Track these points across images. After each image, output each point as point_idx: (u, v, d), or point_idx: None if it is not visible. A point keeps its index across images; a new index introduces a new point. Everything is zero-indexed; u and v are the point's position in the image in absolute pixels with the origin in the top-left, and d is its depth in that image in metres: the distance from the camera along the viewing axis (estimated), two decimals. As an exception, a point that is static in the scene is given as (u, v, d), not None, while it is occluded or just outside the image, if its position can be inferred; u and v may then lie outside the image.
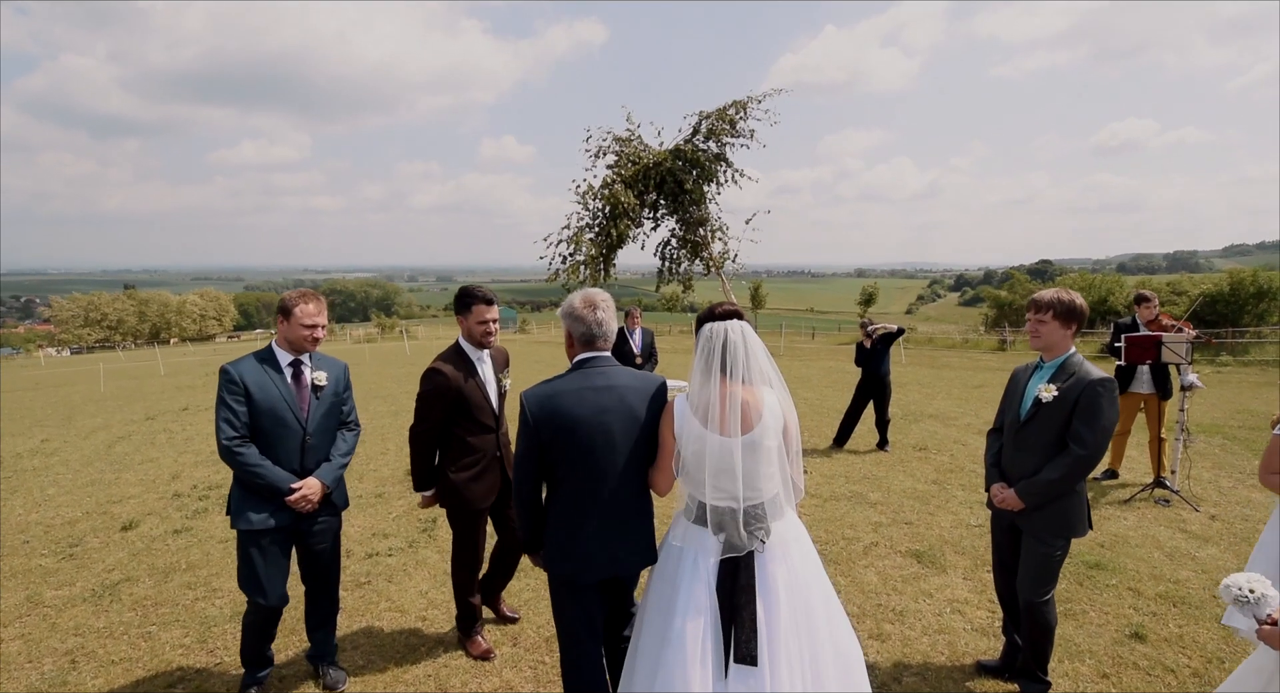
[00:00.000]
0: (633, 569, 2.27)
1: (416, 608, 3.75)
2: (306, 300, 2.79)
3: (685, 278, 6.89)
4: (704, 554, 2.02)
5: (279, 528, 2.76)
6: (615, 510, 2.18)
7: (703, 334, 2.08)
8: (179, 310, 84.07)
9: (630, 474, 2.19)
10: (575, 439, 2.12)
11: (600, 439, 2.13)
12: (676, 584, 2.02)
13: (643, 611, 2.16)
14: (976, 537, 4.83)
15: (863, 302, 40.62)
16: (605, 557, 2.19)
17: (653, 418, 2.19)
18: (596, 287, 6.99)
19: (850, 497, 5.87)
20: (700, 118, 6.52)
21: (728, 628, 1.93)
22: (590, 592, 2.25)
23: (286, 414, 2.74)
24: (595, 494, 2.16)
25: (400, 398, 13.19)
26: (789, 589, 1.99)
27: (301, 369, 2.83)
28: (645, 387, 2.23)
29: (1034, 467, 2.68)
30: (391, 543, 4.79)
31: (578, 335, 2.25)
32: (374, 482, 6.63)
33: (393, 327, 53.50)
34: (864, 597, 3.84)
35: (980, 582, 4.04)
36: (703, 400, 2.03)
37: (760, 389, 2.04)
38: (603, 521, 2.17)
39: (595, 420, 2.12)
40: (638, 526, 2.24)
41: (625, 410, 2.16)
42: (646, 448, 2.20)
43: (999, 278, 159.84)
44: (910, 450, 7.77)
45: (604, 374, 2.20)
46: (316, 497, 2.79)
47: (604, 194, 6.18)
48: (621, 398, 2.17)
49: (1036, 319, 2.70)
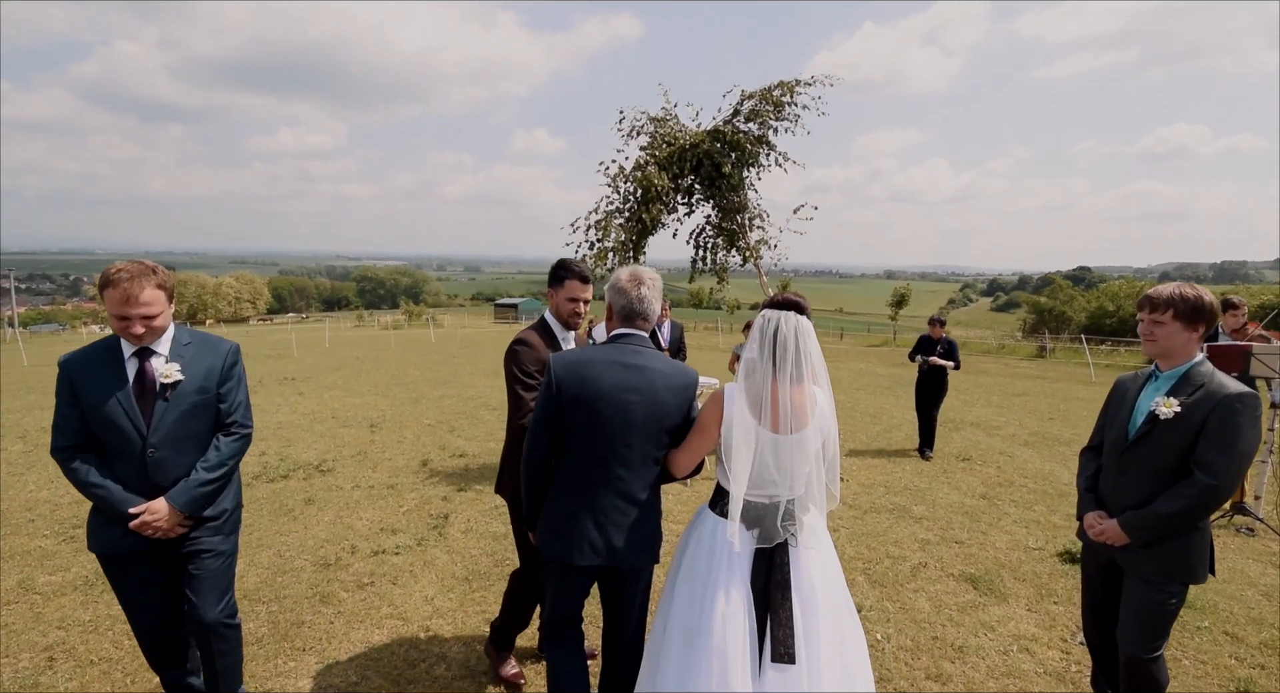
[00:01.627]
0: (629, 562, 2.12)
1: (420, 616, 3.44)
2: (115, 283, 2.08)
3: (720, 268, 6.47)
4: (736, 548, 1.96)
5: (139, 552, 2.21)
6: (620, 497, 2.09)
7: (758, 322, 2.01)
8: (215, 292, 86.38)
9: (642, 462, 2.11)
10: (593, 412, 2.05)
11: (619, 418, 2.05)
12: (709, 579, 1.96)
13: (667, 606, 2.07)
14: (1037, 561, 4.36)
15: (894, 303, 39.59)
16: (602, 543, 2.08)
17: (677, 411, 2.11)
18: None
19: (892, 510, 5.42)
20: (742, 97, 6.09)
21: (762, 625, 1.89)
22: (581, 577, 2.16)
23: (121, 420, 2.13)
24: (603, 475, 2.08)
25: (421, 385, 13.06)
26: (824, 584, 1.96)
27: (147, 362, 2.20)
28: (678, 377, 2.14)
29: (1142, 495, 2.24)
30: (400, 540, 4.51)
31: (618, 309, 2.19)
32: (387, 471, 6.38)
33: (419, 314, 53.98)
34: (917, 628, 3.42)
35: (1047, 615, 3.59)
36: (755, 392, 1.96)
37: (810, 387, 1.98)
38: (606, 504, 2.08)
39: (618, 398, 2.05)
40: (642, 517, 2.12)
41: (651, 395, 2.07)
42: (664, 438, 2.12)
43: (1034, 284, 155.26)
44: (953, 460, 7.28)
45: (639, 353, 2.13)
46: (165, 523, 2.16)
47: (636, 177, 5.80)
48: (651, 382, 2.08)
49: (1152, 320, 2.25)
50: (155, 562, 2.27)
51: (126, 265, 2.13)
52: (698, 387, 2.20)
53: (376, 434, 8.19)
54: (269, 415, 9.48)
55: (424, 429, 8.51)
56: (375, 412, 9.87)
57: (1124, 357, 22.69)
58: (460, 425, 8.78)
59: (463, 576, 3.94)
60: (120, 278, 2.09)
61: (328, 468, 6.44)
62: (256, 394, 11.76)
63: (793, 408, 1.93)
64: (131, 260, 2.16)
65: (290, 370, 15.88)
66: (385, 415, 9.53)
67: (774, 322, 1.96)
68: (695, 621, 1.93)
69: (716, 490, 2.12)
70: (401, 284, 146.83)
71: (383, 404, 10.61)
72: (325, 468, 6.43)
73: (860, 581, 4.00)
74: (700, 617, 1.92)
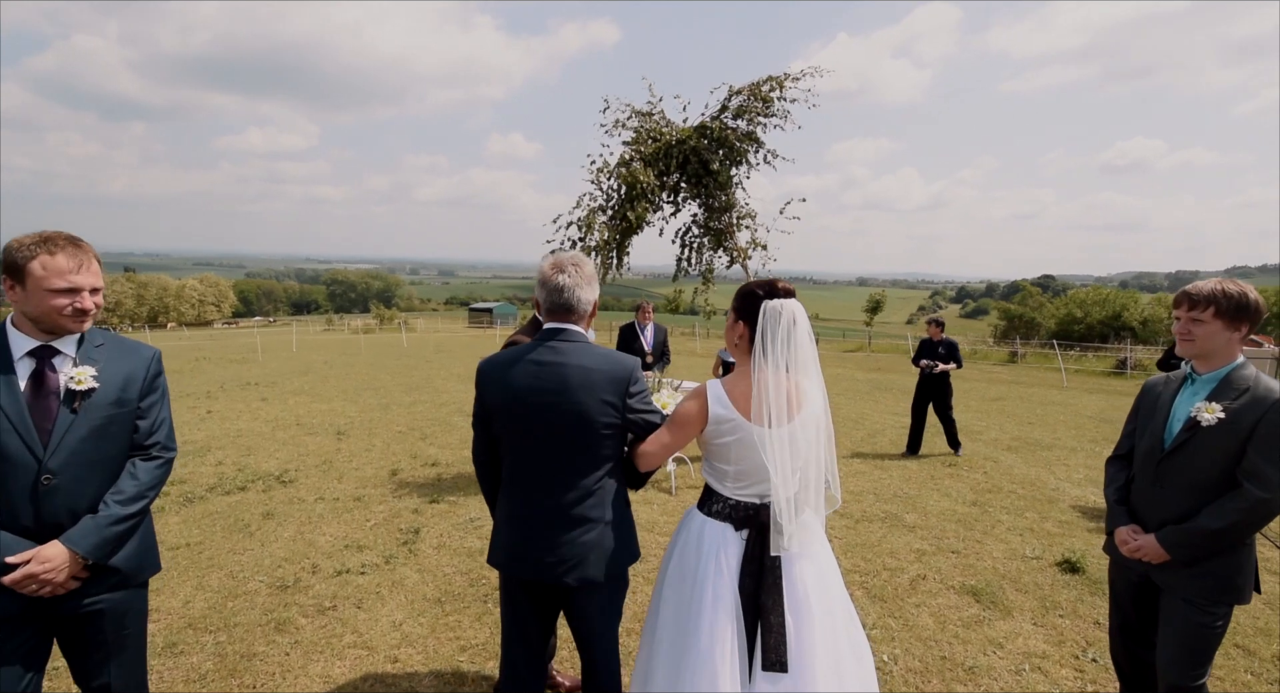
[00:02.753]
0: (560, 579, 1.91)
1: (388, 645, 3.12)
2: (53, 248, 1.69)
3: (707, 269, 6.26)
4: (727, 551, 1.88)
5: (14, 616, 1.67)
6: (549, 508, 1.91)
7: (764, 313, 1.86)
8: (178, 295, 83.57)
9: (571, 470, 1.91)
10: (512, 417, 1.91)
11: (537, 423, 1.88)
12: (696, 584, 1.87)
13: (655, 612, 1.98)
14: (1036, 571, 4.21)
15: (869, 309, 40.01)
16: (533, 556, 1.91)
17: (602, 408, 1.88)
18: (608, 277, 6.37)
19: (884, 518, 5.26)
20: (730, 93, 5.90)
21: (752, 631, 1.82)
22: (527, 594, 2.00)
23: (6, 437, 1.65)
24: (534, 482, 1.93)
25: (392, 390, 12.60)
26: (819, 590, 1.87)
27: (48, 363, 1.75)
28: (604, 369, 1.90)
29: (1182, 509, 2.07)
30: (366, 558, 4.17)
31: (542, 302, 2.00)
32: (354, 482, 6.00)
33: (391, 318, 52.88)
34: (923, 646, 3.22)
35: (1055, 630, 3.43)
36: (744, 387, 1.86)
37: (802, 379, 1.89)
38: (539, 514, 1.92)
39: (530, 400, 1.88)
40: (577, 533, 1.91)
41: (564, 395, 1.86)
42: (599, 442, 1.90)
43: (1001, 291, 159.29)
44: (939, 466, 7.18)
45: (555, 349, 1.92)
46: (59, 576, 1.66)
47: (621, 173, 5.57)
48: (564, 380, 1.87)
49: (1190, 318, 2.08)
50: (36, 629, 1.72)
51: (54, 235, 1.72)
52: (635, 376, 1.96)
53: (343, 442, 7.77)
54: (228, 423, 8.97)
55: (394, 437, 8.12)
56: (343, 418, 9.42)
57: (1092, 362, 23.16)
58: (433, 432, 8.41)
59: (435, 597, 3.63)
60: (58, 241, 1.70)
61: (289, 479, 6.04)
62: (216, 400, 11.19)
63: (787, 399, 1.85)
64: (44, 232, 1.73)
65: (254, 375, 15.23)
66: (353, 422, 9.10)
67: (790, 313, 1.85)
68: (683, 627, 1.85)
69: (706, 492, 2.01)
70: (373, 288, 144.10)
71: (351, 411, 10.15)
72: (287, 479, 6.03)
73: (859, 595, 3.79)
74: (688, 623, 1.85)
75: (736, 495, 1.92)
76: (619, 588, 2.07)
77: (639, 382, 1.96)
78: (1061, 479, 6.67)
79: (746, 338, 1.91)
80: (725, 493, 1.94)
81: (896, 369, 20.38)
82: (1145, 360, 22.08)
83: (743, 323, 1.93)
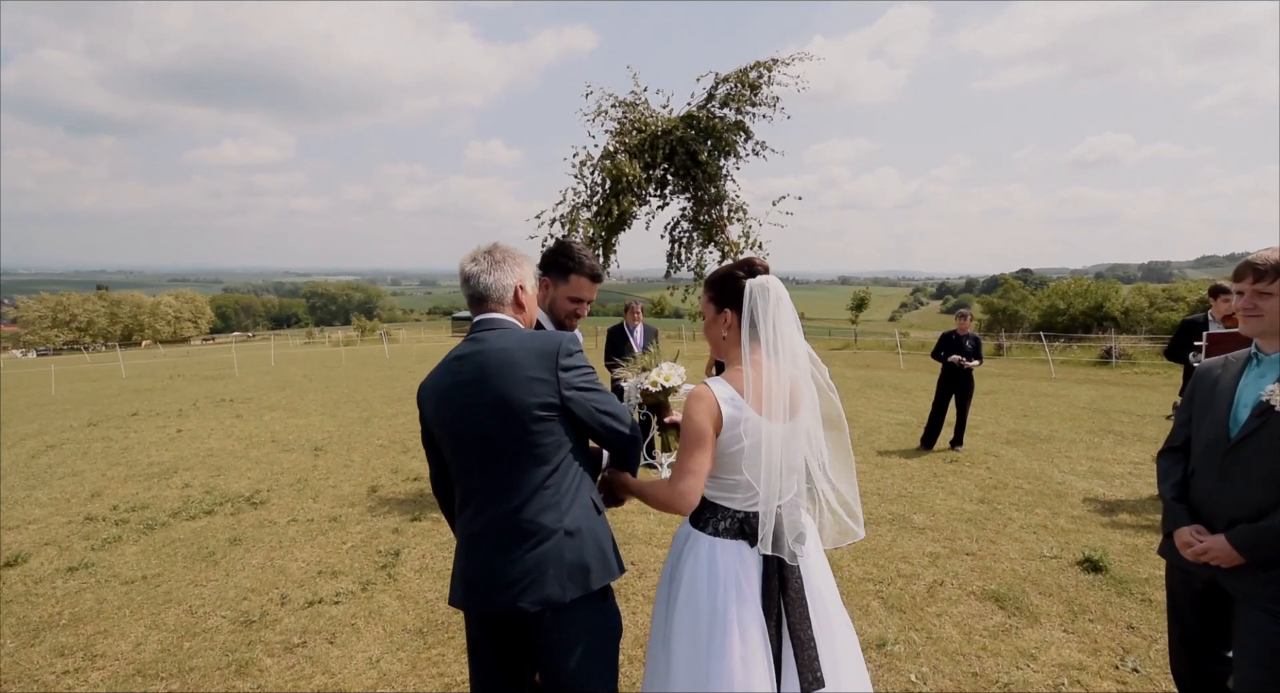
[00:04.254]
0: (514, 605, 1.57)
1: (361, 685, 2.80)
2: None
3: (698, 266, 6.00)
4: (747, 574, 1.66)
5: None
6: (493, 519, 1.61)
7: (752, 293, 1.67)
8: (153, 312, 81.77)
9: (512, 469, 1.61)
10: (441, 425, 1.67)
11: (463, 422, 1.62)
12: (715, 617, 1.62)
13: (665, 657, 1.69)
14: (1057, 572, 3.99)
15: (854, 307, 40.17)
16: (482, 583, 1.61)
17: (527, 391, 1.58)
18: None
19: (892, 520, 5.02)
20: (716, 80, 5.66)
21: (777, 652, 1.62)
22: (480, 633, 1.69)
23: None
24: (473, 494, 1.66)
25: (374, 403, 12.19)
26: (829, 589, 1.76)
27: None
28: (527, 346, 1.63)
29: (1257, 505, 1.83)
30: (341, 585, 3.83)
31: (465, 296, 1.77)
32: (330, 501, 5.64)
33: (373, 330, 52.10)
34: (952, 662, 2.96)
35: (1088, 637, 3.19)
36: (756, 378, 1.64)
37: (793, 370, 1.69)
38: (483, 533, 1.63)
39: (454, 399, 1.64)
40: (528, 545, 1.59)
41: (482, 381, 1.60)
42: (532, 430, 1.59)
43: (981, 286, 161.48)
44: (940, 462, 6.98)
45: (476, 339, 1.68)
46: None
47: (605, 165, 5.29)
48: (480, 368, 1.61)
49: (1256, 291, 1.85)
50: None
51: None
52: (568, 349, 1.66)
53: (320, 459, 7.39)
54: (198, 442, 8.54)
55: (374, 451, 7.75)
56: (321, 433, 9.02)
57: (1077, 353, 23.29)
58: (415, 445, 8.04)
59: (416, 627, 3.30)
60: None
61: (261, 500, 5.66)
62: (187, 418, 10.71)
63: (790, 389, 1.68)
64: None
65: (229, 392, 14.71)
66: (332, 437, 8.71)
67: (780, 291, 1.68)
68: (706, 669, 1.61)
69: (706, 507, 1.75)
70: (354, 299, 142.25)
71: (329, 425, 9.75)
72: (258, 500, 5.66)
73: (875, 606, 3.54)
74: (713, 663, 1.61)
75: (747, 508, 1.70)
76: (599, 622, 1.69)
77: (575, 355, 1.67)
78: (1066, 472, 6.49)
79: (735, 327, 1.71)
80: (734, 506, 1.71)
81: (883, 366, 20.31)
82: (1130, 350, 22.24)
83: (729, 310, 1.72)
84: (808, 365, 1.74)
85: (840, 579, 3.87)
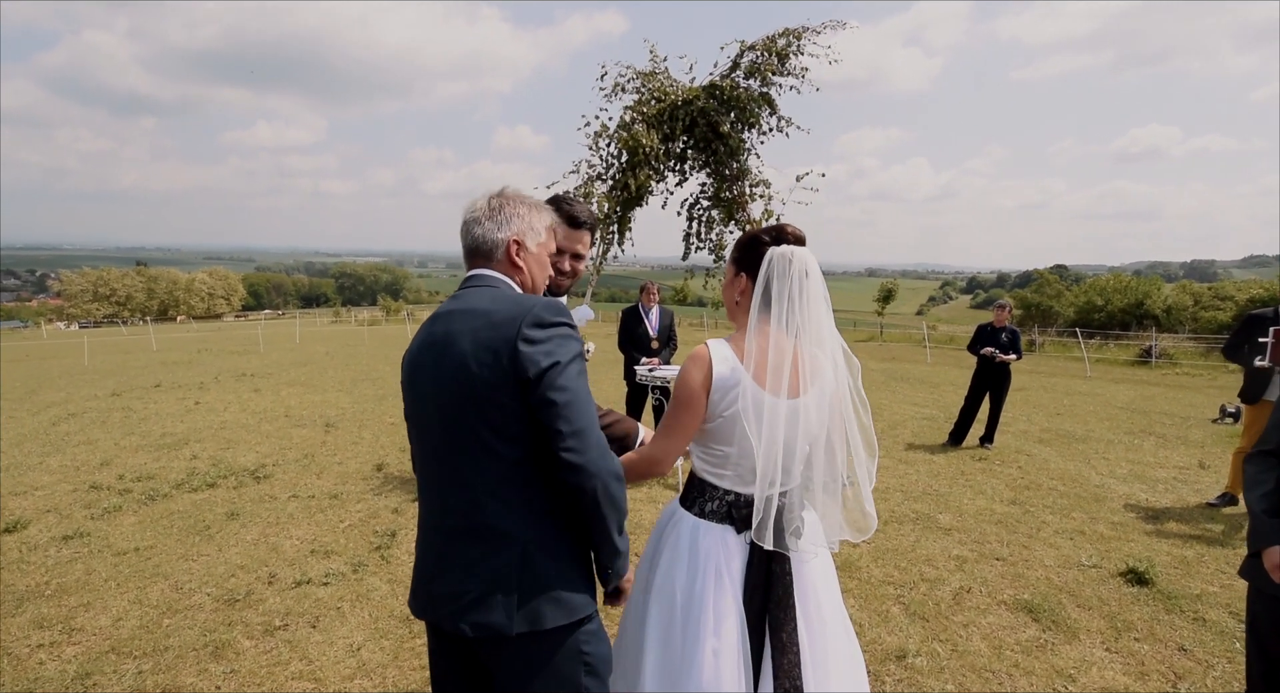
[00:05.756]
0: (455, 624, 1.29)
1: (340, 675, 2.63)
2: None
3: (716, 245, 5.70)
4: (730, 562, 1.56)
5: None
6: (441, 511, 1.36)
7: (769, 261, 1.55)
8: (188, 288, 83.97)
9: (464, 455, 1.31)
10: (406, 395, 1.44)
11: (421, 392, 1.38)
12: (692, 603, 1.52)
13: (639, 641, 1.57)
14: (1097, 583, 3.67)
15: (881, 299, 39.34)
16: (423, 587, 1.37)
17: (492, 356, 1.27)
18: (610, 254, 5.82)
19: (915, 519, 4.72)
20: (742, 49, 5.33)
21: (758, 652, 1.51)
22: (436, 647, 1.42)
23: None
24: (426, 484, 1.41)
25: (390, 381, 12.17)
26: (829, 597, 1.61)
27: None
28: (501, 309, 1.31)
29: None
30: (332, 565, 3.69)
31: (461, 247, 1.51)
32: (334, 478, 5.53)
33: (397, 310, 52.66)
34: (980, 680, 2.69)
35: (1134, 658, 2.89)
36: (759, 348, 1.52)
37: (815, 350, 1.56)
38: (432, 526, 1.38)
39: (418, 363, 1.39)
40: (477, 552, 1.30)
41: (446, 346, 1.33)
42: (487, 410, 1.28)
43: (1014, 281, 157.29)
44: (968, 460, 6.63)
45: (458, 297, 1.42)
46: None
47: (621, 136, 5.02)
48: (448, 330, 1.34)
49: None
50: None
51: None
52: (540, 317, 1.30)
53: (330, 434, 7.32)
54: (213, 415, 8.55)
55: (385, 429, 7.66)
56: (335, 410, 8.99)
57: (1114, 351, 22.39)
58: (426, 424, 7.93)
59: (403, 614, 3.13)
60: None
61: (265, 474, 5.58)
62: (207, 391, 10.80)
63: (794, 367, 1.53)
64: None
65: (252, 367, 14.86)
66: (345, 414, 8.66)
67: (801, 262, 1.54)
68: (678, 659, 1.51)
69: (695, 485, 1.64)
70: (381, 281, 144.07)
71: (344, 402, 9.72)
72: (262, 474, 5.58)
73: (896, 612, 3.27)
74: (684, 653, 1.50)
75: (739, 489, 1.58)
76: (569, 655, 1.33)
77: (549, 327, 1.29)
78: (1104, 475, 6.10)
79: (748, 293, 1.59)
80: (724, 485, 1.59)
81: (910, 359, 19.78)
82: (1171, 350, 21.29)
83: (744, 275, 1.58)
84: (835, 348, 1.58)
85: (858, 582, 3.61)
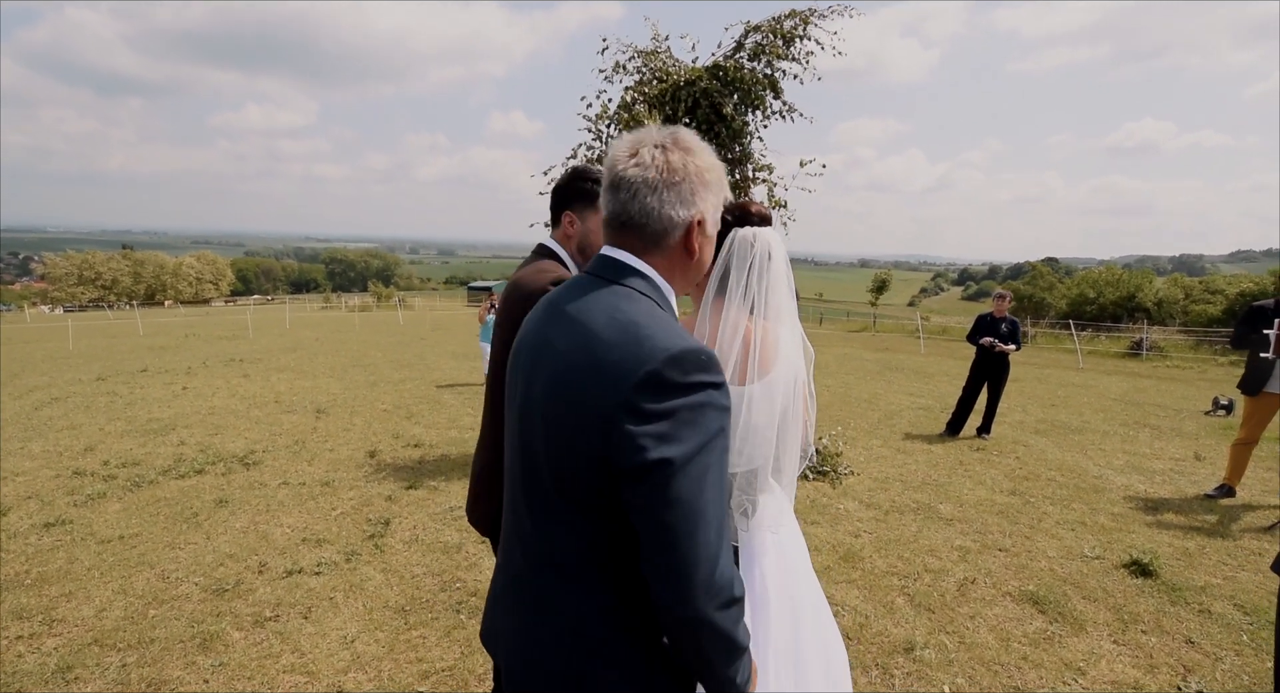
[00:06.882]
0: (498, 662, 1.10)
1: (332, 669, 2.55)
2: None
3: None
4: None
5: None
6: (508, 546, 1.12)
7: (733, 242, 1.49)
8: (175, 273, 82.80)
9: (544, 500, 1.02)
10: (509, 388, 1.12)
11: (521, 402, 1.06)
12: None
13: None
14: (1101, 574, 3.64)
15: (874, 289, 39.37)
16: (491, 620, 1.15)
17: (592, 424, 0.93)
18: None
19: (916, 509, 4.68)
20: (746, 29, 5.19)
21: None
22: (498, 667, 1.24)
23: None
24: (511, 507, 1.12)
25: (381, 367, 12.01)
26: (777, 577, 1.46)
27: None
28: (612, 349, 0.94)
29: None
30: (324, 554, 3.59)
31: (603, 210, 1.08)
32: (325, 465, 5.42)
33: (389, 297, 52.20)
34: (988, 674, 2.64)
35: (1142, 650, 2.85)
36: (710, 334, 1.45)
37: (775, 325, 1.49)
38: (505, 561, 1.14)
39: (521, 359, 1.08)
40: (527, 609, 1.05)
41: (568, 369, 0.97)
42: (575, 473, 0.97)
43: (1004, 273, 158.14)
44: (966, 450, 6.61)
45: (578, 286, 1.06)
46: None
47: (622, 117, 4.88)
48: (557, 350, 1.00)
49: None
50: None
51: None
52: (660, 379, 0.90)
53: (321, 421, 7.19)
54: (201, 400, 8.39)
55: (377, 415, 7.54)
56: (325, 395, 8.84)
57: (1105, 344, 22.52)
58: (420, 411, 7.82)
59: (398, 605, 3.05)
60: None
61: (255, 461, 5.45)
62: (195, 376, 10.60)
63: (746, 345, 1.46)
64: None
65: (241, 352, 14.63)
66: (336, 400, 8.51)
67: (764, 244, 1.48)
68: None
69: None
70: (372, 267, 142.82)
71: (335, 388, 9.57)
72: (252, 461, 5.45)
73: (901, 603, 3.22)
74: None
75: None
76: None
77: (677, 391, 0.91)
78: (1102, 466, 6.09)
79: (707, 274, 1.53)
80: None
81: (903, 349, 19.80)
82: (1162, 342, 21.44)
83: None
84: (796, 329, 1.52)
85: (862, 572, 3.56)
